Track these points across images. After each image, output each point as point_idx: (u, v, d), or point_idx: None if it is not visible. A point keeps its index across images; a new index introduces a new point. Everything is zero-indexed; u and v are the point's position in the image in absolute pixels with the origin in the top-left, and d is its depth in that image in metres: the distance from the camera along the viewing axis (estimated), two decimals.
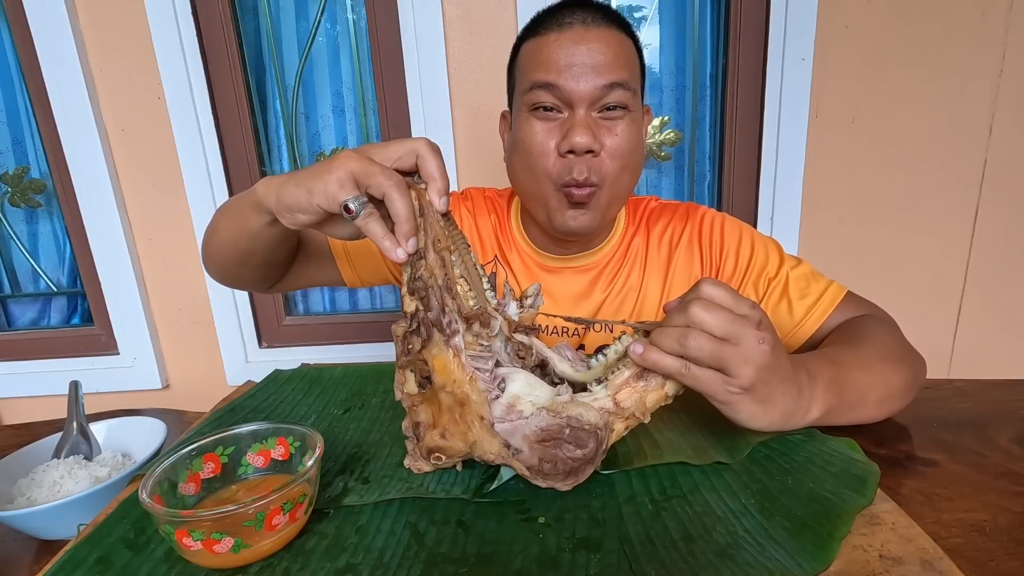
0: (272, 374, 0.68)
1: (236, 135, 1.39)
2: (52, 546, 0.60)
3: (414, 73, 1.32)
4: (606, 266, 0.75)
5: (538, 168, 0.65)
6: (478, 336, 0.40)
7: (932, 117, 1.33)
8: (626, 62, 0.63)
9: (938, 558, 0.33)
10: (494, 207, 0.80)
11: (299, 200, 0.45)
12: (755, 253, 0.72)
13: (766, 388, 0.42)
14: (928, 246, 1.41)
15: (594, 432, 0.39)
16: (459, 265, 0.43)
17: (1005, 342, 1.47)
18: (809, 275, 0.70)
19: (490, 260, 0.78)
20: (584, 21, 0.62)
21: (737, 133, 1.39)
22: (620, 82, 0.62)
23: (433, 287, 0.40)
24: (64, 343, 1.52)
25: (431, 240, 0.41)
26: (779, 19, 1.28)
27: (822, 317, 0.67)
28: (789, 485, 0.41)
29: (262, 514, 0.35)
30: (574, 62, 0.61)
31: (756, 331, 0.41)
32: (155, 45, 1.29)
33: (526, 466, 0.40)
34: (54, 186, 1.44)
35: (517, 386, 0.41)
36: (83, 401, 0.74)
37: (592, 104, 0.62)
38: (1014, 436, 0.52)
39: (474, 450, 0.41)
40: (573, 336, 0.75)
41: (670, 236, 0.76)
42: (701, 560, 0.34)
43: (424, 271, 0.41)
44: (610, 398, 0.41)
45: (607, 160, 0.64)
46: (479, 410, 0.40)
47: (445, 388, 0.40)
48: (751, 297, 0.69)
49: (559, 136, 0.63)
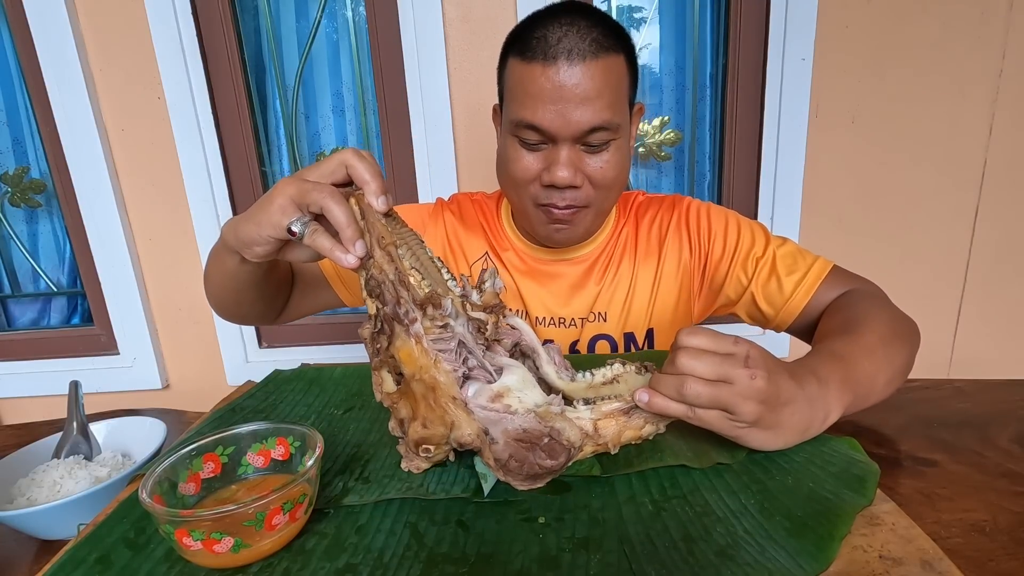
0: (272, 374, 0.68)
1: (236, 135, 1.39)
2: (52, 546, 0.60)
3: (414, 73, 1.32)
4: (598, 258, 0.78)
5: (522, 190, 0.68)
6: (434, 320, 0.41)
7: (932, 117, 1.33)
8: (612, 98, 0.62)
9: (938, 558, 0.33)
10: (482, 209, 0.82)
11: (251, 234, 0.48)
12: (741, 235, 0.74)
13: (772, 415, 0.43)
14: (928, 246, 1.41)
15: (568, 448, 0.41)
16: (409, 258, 0.44)
17: (1005, 342, 1.47)
18: (795, 252, 0.72)
19: (480, 257, 0.79)
20: (570, 54, 0.60)
21: (737, 133, 1.39)
22: (602, 125, 0.62)
23: (385, 283, 0.41)
24: (64, 343, 1.53)
25: (375, 239, 0.43)
26: (779, 19, 1.28)
27: (810, 290, 0.68)
28: (789, 485, 0.41)
29: (262, 514, 0.35)
30: (559, 104, 0.61)
31: (745, 368, 0.41)
32: (155, 45, 1.29)
33: (495, 457, 0.41)
34: (54, 186, 1.44)
35: (511, 379, 0.42)
36: (83, 401, 0.74)
37: (576, 140, 0.63)
38: (1014, 436, 0.52)
39: (453, 433, 0.41)
40: (570, 327, 0.77)
41: (659, 226, 0.78)
42: (701, 560, 0.34)
43: (374, 269, 0.42)
44: (591, 422, 0.43)
45: (590, 188, 0.66)
46: (450, 391, 0.40)
47: (415, 377, 0.41)
48: (741, 279, 0.72)
49: (542, 165, 0.65)
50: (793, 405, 0.44)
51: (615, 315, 0.77)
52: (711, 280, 0.76)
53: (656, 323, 0.77)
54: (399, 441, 0.46)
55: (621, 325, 0.77)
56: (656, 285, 0.77)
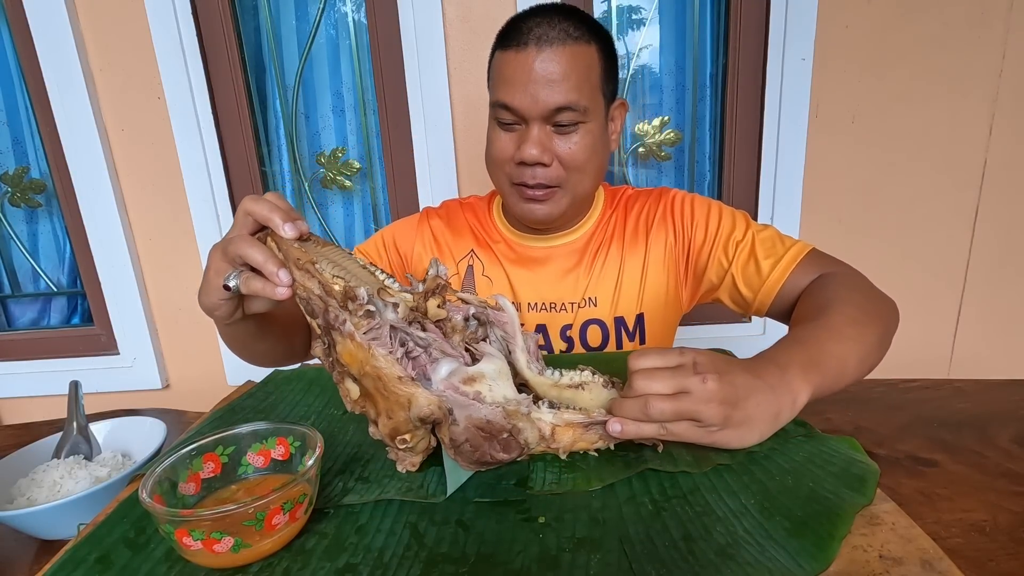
0: (272, 374, 0.68)
1: (236, 135, 1.39)
2: (52, 546, 0.60)
3: (414, 73, 1.32)
4: (587, 245, 0.81)
5: (499, 169, 0.74)
6: (355, 312, 0.42)
7: (932, 117, 1.33)
8: (578, 81, 0.67)
9: (938, 558, 0.33)
10: (473, 210, 0.87)
11: (206, 303, 0.53)
12: (723, 221, 0.77)
13: (738, 412, 0.44)
14: (928, 246, 1.41)
15: (522, 447, 0.44)
16: (330, 268, 0.45)
17: (1005, 342, 1.47)
18: (775, 237, 0.74)
19: (465, 255, 0.84)
20: (539, 40, 0.66)
21: (737, 133, 1.39)
22: (568, 105, 0.67)
23: (312, 298, 0.43)
24: (64, 343, 1.53)
25: (292, 263, 0.45)
26: (779, 19, 1.28)
27: (786, 271, 0.70)
28: (789, 485, 0.41)
29: (262, 514, 0.35)
30: (527, 84, 0.67)
31: (695, 375, 0.43)
32: (155, 45, 1.29)
33: (451, 436, 0.42)
34: (54, 186, 1.44)
35: (488, 368, 0.44)
36: (83, 401, 0.74)
37: (545, 120, 0.68)
38: (1014, 436, 0.52)
39: (412, 410, 0.41)
40: (561, 311, 0.80)
41: (645, 215, 0.82)
42: (701, 560, 0.34)
43: (299, 290, 0.44)
44: (551, 426, 0.45)
45: (560, 168, 0.71)
46: (392, 371, 0.41)
47: (362, 373, 0.41)
48: (722, 261, 0.76)
49: (516, 145, 0.70)
50: (755, 396, 0.45)
51: (605, 300, 0.80)
52: (695, 265, 0.79)
53: (646, 308, 0.80)
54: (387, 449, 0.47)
55: (612, 310, 0.79)
56: (644, 271, 0.80)
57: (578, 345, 0.80)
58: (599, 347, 0.80)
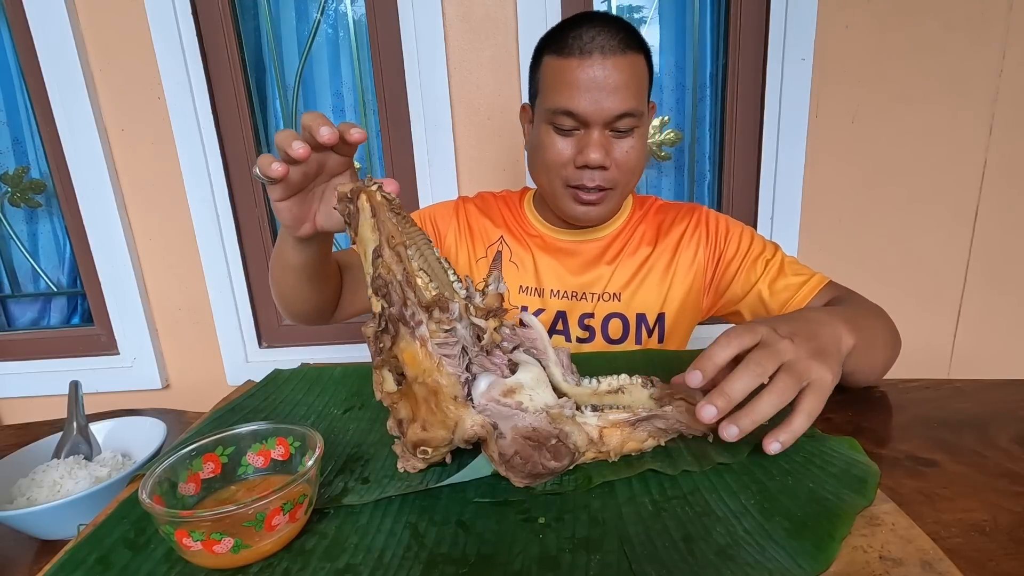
0: (272, 374, 0.68)
1: (236, 135, 1.39)
2: (52, 546, 0.60)
3: (414, 73, 1.32)
4: (614, 241, 0.86)
5: (554, 173, 0.77)
6: (440, 323, 0.41)
7: (932, 117, 1.33)
8: (636, 89, 0.72)
9: (938, 559, 0.33)
10: (507, 203, 0.91)
11: (284, 221, 0.58)
12: (754, 242, 0.83)
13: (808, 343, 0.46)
14: (928, 246, 1.41)
15: (573, 452, 0.42)
16: (417, 259, 0.44)
17: (1005, 342, 1.47)
18: (800, 265, 0.81)
19: (495, 241, 0.88)
20: (603, 49, 0.70)
21: (737, 133, 1.39)
22: (630, 112, 0.72)
23: (392, 283, 0.41)
24: (64, 343, 1.53)
25: (385, 237, 0.42)
26: (779, 19, 1.28)
27: (813, 290, 0.76)
28: (789, 485, 0.41)
29: (262, 514, 0.35)
30: (592, 92, 0.70)
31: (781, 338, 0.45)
32: (155, 45, 1.29)
33: (500, 451, 0.41)
34: (54, 186, 1.44)
35: (526, 377, 0.42)
36: (83, 401, 0.74)
37: (606, 125, 0.72)
38: (1014, 436, 0.52)
39: (456, 433, 0.41)
40: (582, 300, 0.84)
41: (678, 225, 0.86)
42: (701, 560, 0.34)
43: (382, 268, 0.42)
44: (598, 429, 0.43)
45: (616, 171, 0.75)
46: (452, 392, 0.40)
47: (418, 380, 0.40)
48: (750, 276, 0.80)
49: (575, 150, 0.74)
50: (815, 325, 0.48)
51: (628, 295, 0.83)
52: (720, 276, 0.84)
53: (668, 309, 0.83)
54: (395, 440, 0.46)
55: (633, 305, 0.83)
56: (671, 274, 0.84)
57: (599, 336, 0.84)
58: (619, 340, 0.84)
